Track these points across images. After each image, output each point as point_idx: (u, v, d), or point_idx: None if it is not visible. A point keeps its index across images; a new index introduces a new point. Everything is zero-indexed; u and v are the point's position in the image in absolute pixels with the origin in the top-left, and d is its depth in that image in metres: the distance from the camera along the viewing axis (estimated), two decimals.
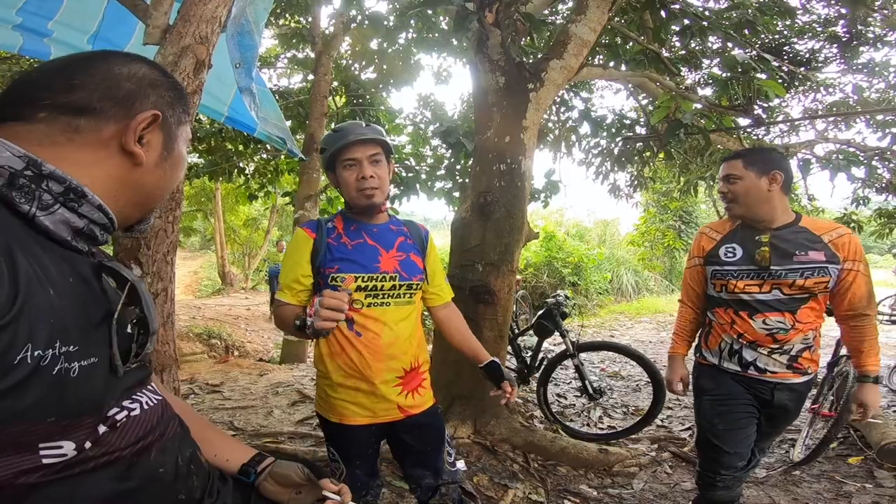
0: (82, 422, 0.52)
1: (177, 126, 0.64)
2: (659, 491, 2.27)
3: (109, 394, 0.55)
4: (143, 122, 0.58)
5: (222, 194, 12.11)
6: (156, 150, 0.60)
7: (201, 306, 8.46)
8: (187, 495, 0.64)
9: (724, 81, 2.60)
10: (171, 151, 0.63)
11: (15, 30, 1.93)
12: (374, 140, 1.26)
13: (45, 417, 0.48)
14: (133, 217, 0.63)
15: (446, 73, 5.99)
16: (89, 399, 0.52)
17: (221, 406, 3.48)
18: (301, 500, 0.82)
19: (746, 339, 1.52)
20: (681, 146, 4.12)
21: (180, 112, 0.64)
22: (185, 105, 0.66)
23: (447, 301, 1.45)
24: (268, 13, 1.38)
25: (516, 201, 2.65)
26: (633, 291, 11.95)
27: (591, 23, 2.61)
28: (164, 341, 1.11)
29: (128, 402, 0.59)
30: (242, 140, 5.52)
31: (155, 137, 0.60)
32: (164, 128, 0.61)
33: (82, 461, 0.52)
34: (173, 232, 1.08)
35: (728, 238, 1.56)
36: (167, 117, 0.61)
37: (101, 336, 0.54)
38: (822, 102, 5.15)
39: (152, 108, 0.59)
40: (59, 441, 0.50)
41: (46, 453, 0.49)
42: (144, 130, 0.58)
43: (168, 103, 0.62)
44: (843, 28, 4.19)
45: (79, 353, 0.50)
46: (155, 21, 1.07)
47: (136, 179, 0.60)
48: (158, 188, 0.63)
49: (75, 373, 0.49)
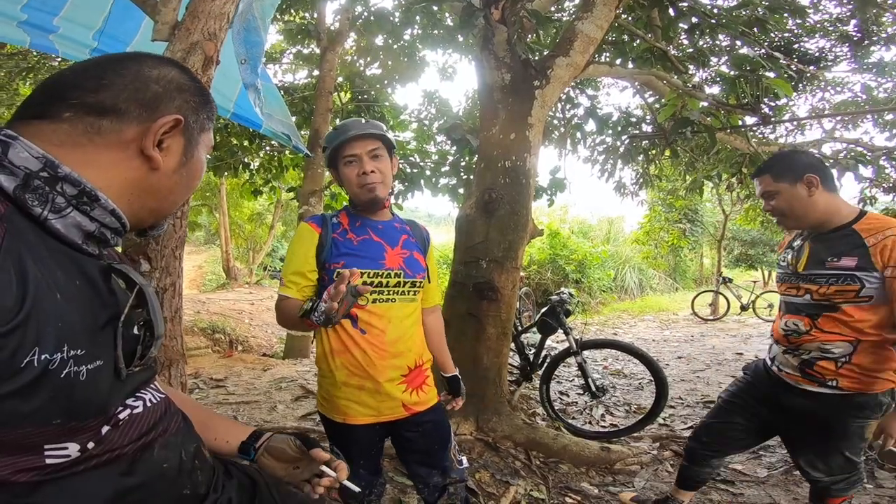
0: (88, 424, 0.52)
1: (199, 132, 0.63)
2: (660, 489, 2.28)
3: (114, 396, 0.56)
4: (165, 125, 0.57)
5: (227, 189, 12.15)
6: (175, 155, 0.60)
7: (206, 301, 8.51)
8: (192, 490, 0.64)
9: (732, 79, 2.58)
10: (190, 157, 0.62)
11: (20, 26, 1.93)
12: (374, 135, 1.25)
13: (51, 420, 0.48)
14: (146, 221, 0.63)
15: (451, 69, 5.97)
16: (96, 402, 0.53)
17: (225, 401, 3.50)
18: (298, 474, 0.82)
19: (774, 336, 1.59)
20: (687, 144, 4.09)
21: (204, 118, 0.64)
22: (210, 111, 0.65)
23: (435, 305, 1.48)
24: (274, 9, 1.39)
25: (521, 198, 2.65)
26: (636, 289, 11.93)
27: (597, 20, 2.59)
28: (172, 336, 1.12)
29: (131, 400, 0.59)
30: (248, 136, 5.54)
31: (175, 142, 0.59)
32: (185, 133, 0.60)
33: (85, 459, 0.53)
34: (181, 228, 1.09)
35: (790, 242, 1.60)
36: (189, 123, 0.60)
37: (106, 338, 0.54)
38: (829, 101, 5.10)
39: (176, 113, 0.58)
40: (64, 443, 0.50)
41: (51, 454, 0.50)
42: (165, 135, 0.58)
43: (192, 108, 0.61)
44: (854, 27, 4.14)
45: (86, 356, 0.50)
46: (164, 17, 1.07)
47: (151, 184, 0.59)
48: (173, 194, 0.62)
49: (84, 376, 0.50)
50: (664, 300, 11.10)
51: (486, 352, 2.64)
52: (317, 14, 5.20)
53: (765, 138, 4.89)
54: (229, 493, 0.72)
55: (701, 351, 5.82)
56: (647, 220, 12.09)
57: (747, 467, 2.51)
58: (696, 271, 15.62)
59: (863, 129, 5.13)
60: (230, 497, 0.72)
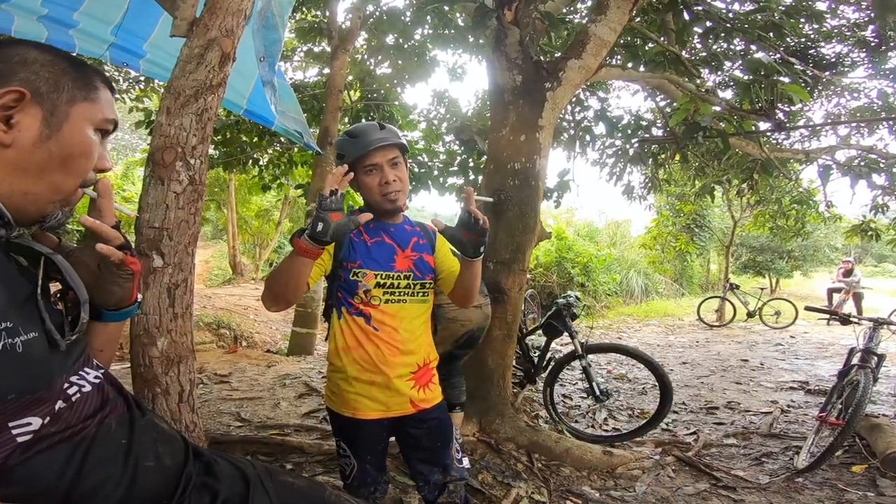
0: (40, 396, 0.54)
1: (67, 103, 0.59)
2: (661, 495, 2.27)
3: (57, 367, 0.57)
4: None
5: (235, 185, 12.23)
6: (30, 129, 0.56)
7: (211, 295, 8.58)
8: (156, 462, 0.65)
9: (747, 84, 2.55)
10: (55, 130, 0.58)
11: (40, 21, 1.96)
12: (394, 144, 1.27)
13: (5, 396, 0.50)
14: (29, 210, 0.59)
15: (461, 69, 5.96)
16: (41, 373, 0.54)
17: (229, 397, 3.52)
18: (98, 272, 0.69)
19: None
20: (698, 149, 4.06)
21: (73, 90, 0.60)
22: (84, 83, 0.61)
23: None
24: (292, 6, 1.39)
25: (530, 201, 2.64)
26: (641, 294, 11.86)
27: (611, 23, 2.58)
28: (182, 333, 1.12)
29: (75, 377, 0.60)
30: (258, 132, 5.57)
31: (27, 116, 0.56)
32: (42, 105, 0.57)
33: (47, 437, 0.55)
34: (195, 223, 1.10)
35: None
36: (44, 94, 0.57)
37: (30, 312, 0.55)
38: (845, 107, 5.03)
39: (18, 85, 0.55)
40: (26, 418, 0.52)
41: (18, 431, 0.52)
42: (13, 110, 0.55)
43: (47, 80, 0.58)
44: (871, 33, 4.09)
45: (16, 329, 0.51)
46: (182, 13, 1.08)
47: (10, 162, 0.56)
48: (46, 172, 0.58)
49: (20, 348, 0.51)
50: (670, 305, 11.03)
51: (491, 353, 2.64)
52: (328, 12, 5.21)
53: (778, 144, 4.84)
54: (217, 487, 0.71)
55: (706, 357, 5.78)
56: (654, 225, 12.01)
57: (749, 473, 2.50)
58: (703, 277, 15.49)
59: (878, 135, 5.06)
60: (211, 471, 0.72)
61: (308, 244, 1.06)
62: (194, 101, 1.07)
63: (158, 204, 1.06)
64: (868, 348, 2.69)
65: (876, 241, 5.75)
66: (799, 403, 3.82)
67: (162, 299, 1.07)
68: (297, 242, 1.08)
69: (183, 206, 1.07)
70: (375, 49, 5.69)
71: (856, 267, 9.66)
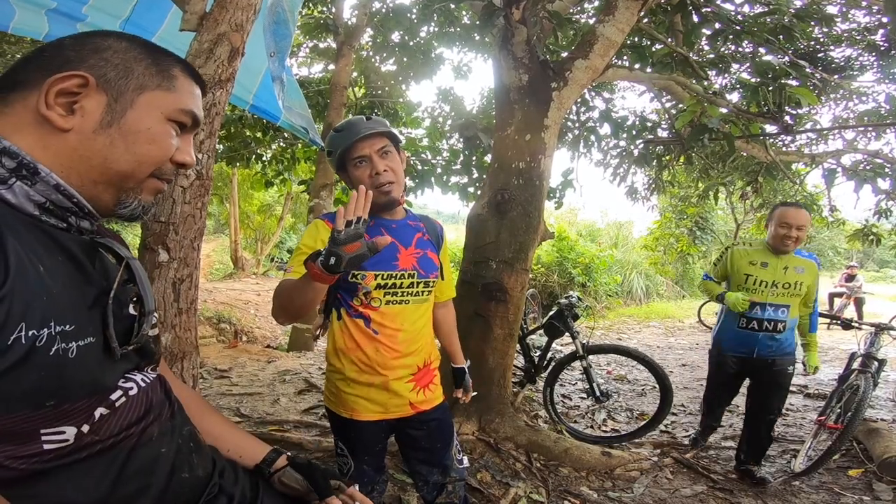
0: (79, 406, 0.51)
1: (135, 92, 0.57)
2: (659, 496, 2.27)
3: (107, 376, 0.54)
4: (59, 83, 0.53)
5: (238, 180, 12.24)
6: (92, 115, 0.55)
7: (212, 290, 8.59)
8: (189, 472, 0.64)
9: (755, 87, 2.54)
10: (119, 117, 0.56)
11: (48, 14, 1.95)
12: (381, 133, 1.21)
13: (44, 402, 0.47)
14: (103, 198, 0.58)
15: (467, 67, 5.95)
16: (88, 381, 0.51)
17: (229, 392, 3.53)
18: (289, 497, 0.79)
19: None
20: (703, 151, 4.04)
21: (145, 77, 0.58)
22: (158, 70, 0.59)
23: (448, 299, 1.47)
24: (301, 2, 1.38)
25: (533, 200, 2.64)
26: (643, 295, 11.84)
27: (619, 23, 2.56)
28: (187, 328, 1.13)
29: (122, 381, 0.57)
30: (262, 127, 5.56)
31: (91, 102, 0.55)
32: (107, 91, 0.55)
33: (86, 446, 0.52)
34: (201, 218, 1.10)
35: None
36: (111, 81, 0.56)
37: (95, 316, 0.53)
38: (853, 111, 5.00)
39: (85, 72, 0.54)
40: (61, 426, 0.49)
41: (48, 439, 0.49)
42: (76, 95, 0.54)
43: (117, 67, 0.56)
44: (881, 37, 4.06)
45: (75, 332, 0.49)
46: (193, 7, 1.08)
47: (76, 150, 0.54)
48: (110, 161, 0.56)
49: (73, 353, 0.48)
50: (671, 307, 11.01)
51: (492, 353, 2.64)
52: (334, 9, 5.20)
53: (784, 147, 4.82)
54: (237, 478, 0.72)
55: (706, 359, 5.75)
56: (657, 226, 11.98)
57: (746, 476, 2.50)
58: None
59: (884, 139, 5.03)
60: (236, 481, 0.72)
61: (321, 272, 0.98)
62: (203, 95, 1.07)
63: (165, 198, 1.06)
64: (869, 353, 2.69)
65: (877, 246, 5.73)
66: (797, 407, 3.82)
67: (167, 294, 1.08)
68: (311, 267, 0.99)
69: (189, 200, 1.08)
70: (381, 46, 5.67)
71: (858, 272, 9.64)
